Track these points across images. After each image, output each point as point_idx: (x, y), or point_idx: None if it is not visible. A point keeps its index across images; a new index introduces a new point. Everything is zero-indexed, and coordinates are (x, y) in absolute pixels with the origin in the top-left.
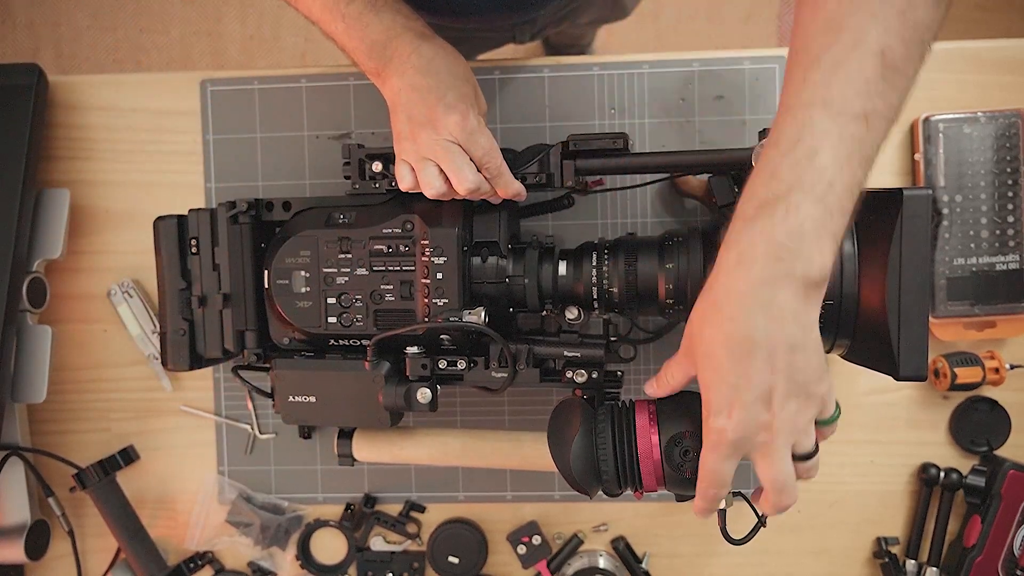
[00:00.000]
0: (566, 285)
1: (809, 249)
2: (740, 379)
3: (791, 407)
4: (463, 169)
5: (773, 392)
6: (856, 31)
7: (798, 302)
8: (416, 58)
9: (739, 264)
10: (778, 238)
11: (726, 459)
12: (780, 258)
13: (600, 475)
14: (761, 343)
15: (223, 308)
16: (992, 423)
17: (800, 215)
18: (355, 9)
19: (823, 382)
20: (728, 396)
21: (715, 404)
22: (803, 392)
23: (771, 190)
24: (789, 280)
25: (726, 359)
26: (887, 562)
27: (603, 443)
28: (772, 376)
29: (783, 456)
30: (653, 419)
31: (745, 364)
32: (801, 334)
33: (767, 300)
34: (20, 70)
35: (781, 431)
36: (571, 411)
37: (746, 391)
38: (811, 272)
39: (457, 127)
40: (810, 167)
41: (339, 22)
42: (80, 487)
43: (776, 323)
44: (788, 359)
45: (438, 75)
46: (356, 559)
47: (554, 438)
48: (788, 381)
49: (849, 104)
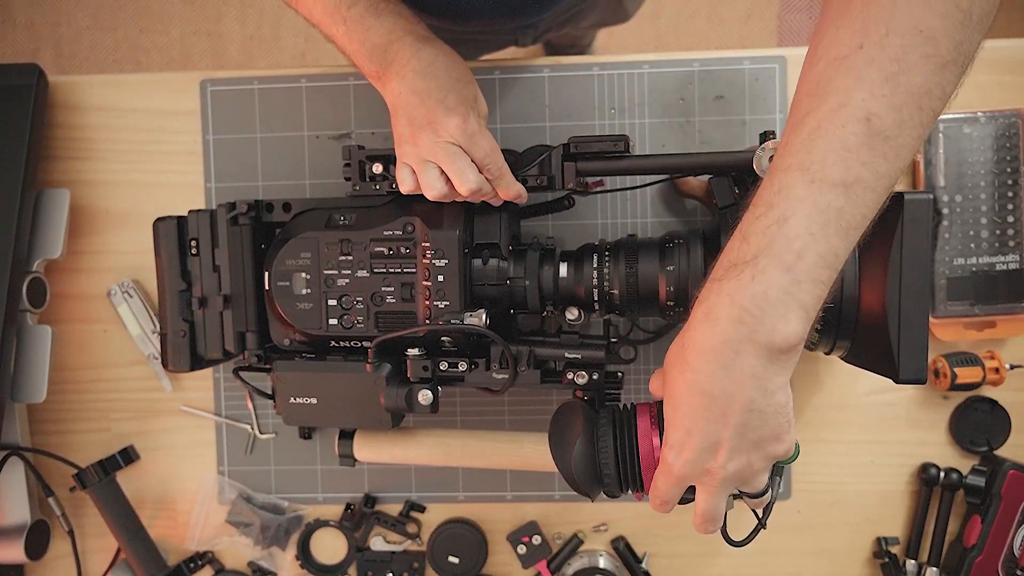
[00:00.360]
0: (567, 287)
1: (772, 317)
2: (693, 426)
3: (738, 461)
4: (464, 171)
5: (721, 445)
6: (840, 95)
7: (761, 366)
8: (416, 61)
9: (705, 320)
10: (741, 301)
11: (673, 487)
12: (742, 321)
13: (602, 478)
14: (718, 399)
15: (223, 309)
16: (992, 423)
17: (765, 281)
18: (357, 12)
19: (781, 442)
20: (681, 438)
21: (670, 439)
22: (755, 449)
23: (740, 253)
24: (751, 344)
25: (684, 405)
26: (887, 562)
27: (604, 446)
28: (723, 431)
29: (719, 496)
30: (655, 422)
31: (699, 414)
32: (761, 397)
33: (728, 361)
34: (20, 70)
35: (723, 479)
36: (573, 414)
37: (697, 438)
38: (775, 339)
39: (458, 129)
40: (780, 234)
41: (340, 25)
42: (80, 487)
43: (735, 384)
44: (743, 418)
45: (438, 78)
46: (356, 559)
47: (555, 440)
48: (739, 438)
49: (828, 172)
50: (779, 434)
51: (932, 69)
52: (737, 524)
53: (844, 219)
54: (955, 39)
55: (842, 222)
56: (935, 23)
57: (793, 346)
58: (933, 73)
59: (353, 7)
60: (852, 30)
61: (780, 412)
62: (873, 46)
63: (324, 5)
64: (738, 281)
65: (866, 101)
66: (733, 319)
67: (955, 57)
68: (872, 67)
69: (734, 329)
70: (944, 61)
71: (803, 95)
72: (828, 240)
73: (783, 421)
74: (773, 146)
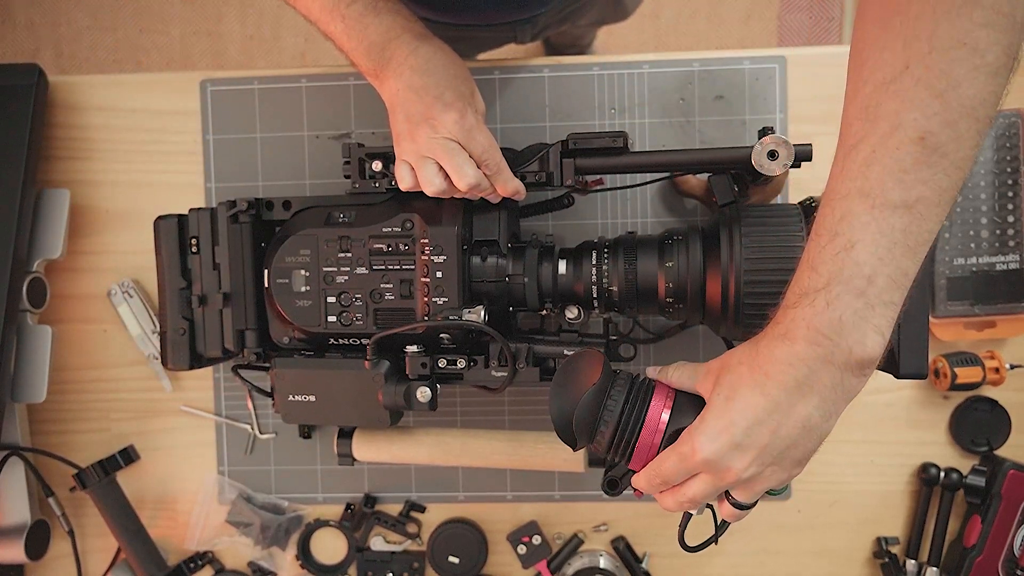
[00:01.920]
0: (566, 284)
1: (848, 341)
2: (742, 421)
3: (758, 470)
4: (463, 166)
5: (755, 449)
6: (891, 117)
7: (832, 387)
8: (414, 59)
9: (783, 338)
10: (818, 326)
11: (682, 472)
12: (819, 344)
13: (595, 433)
14: (781, 407)
15: (223, 307)
16: (992, 423)
17: (840, 308)
18: (355, 10)
19: (800, 468)
20: (723, 427)
21: (710, 426)
22: (778, 465)
23: (812, 282)
24: (828, 364)
25: (743, 400)
26: (887, 562)
27: (612, 406)
28: (768, 437)
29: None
30: (669, 405)
31: (754, 414)
32: (819, 418)
33: (803, 376)
34: (20, 70)
35: (735, 480)
36: (592, 362)
37: (740, 433)
38: (850, 360)
39: (455, 125)
40: (848, 260)
41: (338, 23)
42: (80, 487)
43: (802, 399)
44: (793, 433)
45: (435, 75)
46: (356, 559)
47: (562, 380)
48: (776, 450)
49: (889, 195)
50: (805, 460)
51: (983, 79)
52: (735, 524)
53: (910, 239)
54: (1002, 44)
55: (908, 242)
56: (979, 33)
57: (869, 364)
58: (984, 83)
59: (352, 5)
60: (895, 51)
61: (821, 439)
62: (918, 65)
63: (323, 3)
64: (812, 308)
65: (918, 121)
66: (810, 341)
67: (1005, 62)
68: (920, 87)
69: (811, 350)
70: (994, 69)
71: (852, 119)
72: (896, 261)
73: (814, 448)
74: (771, 141)
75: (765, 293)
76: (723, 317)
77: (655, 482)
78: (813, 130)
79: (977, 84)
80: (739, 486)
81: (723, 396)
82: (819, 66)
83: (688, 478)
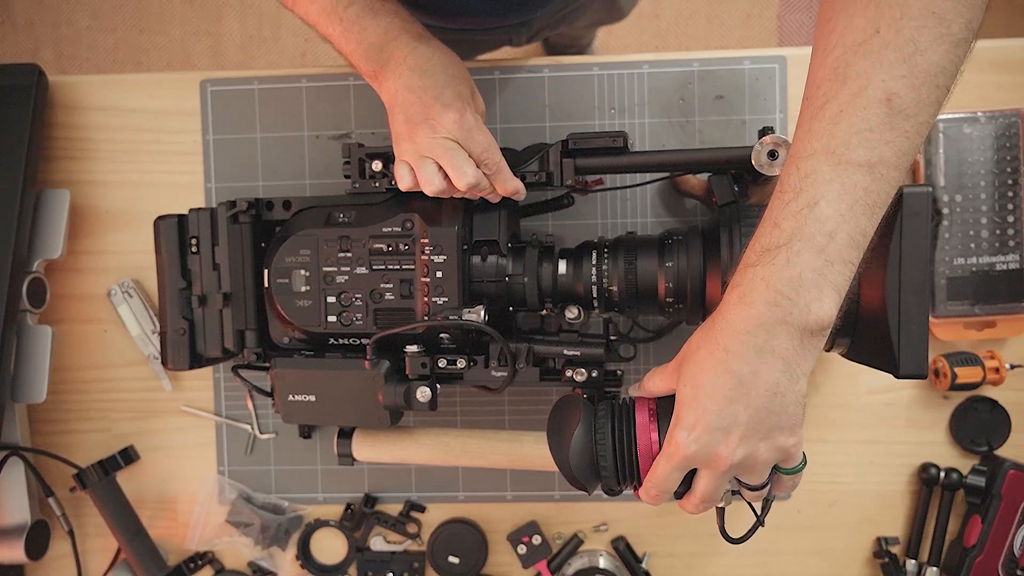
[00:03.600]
0: (566, 284)
1: (807, 298)
2: (713, 405)
3: (748, 447)
4: (462, 166)
5: (736, 427)
6: (860, 78)
7: (793, 349)
8: (413, 59)
9: (740, 303)
10: (776, 285)
11: (675, 470)
12: (777, 304)
13: (599, 471)
14: (745, 379)
15: (223, 307)
16: (992, 423)
17: (799, 264)
18: (353, 12)
19: (793, 435)
20: (697, 416)
21: (684, 419)
22: (767, 438)
23: (773, 239)
24: (785, 326)
25: (708, 383)
26: (887, 562)
27: (603, 439)
28: (743, 412)
29: (720, 481)
30: (653, 417)
31: (723, 394)
32: (787, 381)
33: (762, 342)
34: (20, 70)
35: (730, 465)
36: (571, 407)
37: (714, 418)
38: (808, 321)
39: (454, 124)
40: (811, 217)
41: (337, 25)
42: (80, 487)
43: (765, 365)
44: (765, 402)
45: (434, 75)
46: (356, 559)
47: (553, 434)
48: (756, 423)
49: (853, 153)
50: (792, 426)
51: (946, 48)
52: (735, 521)
53: (870, 198)
54: (965, 17)
55: (869, 201)
56: (946, 4)
57: (825, 327)
58: (947, 51)
59: (350, 7)
60: (866, 17)
61: (799, 402)
62: (889, 30)
63: (321, 5)
64: (772, 266)
65: (886, 82)
66: (768, 302)
67: (965, 35)
68: (889, 49)
69: (769, 311)
70: (956, 39)
71: (821, 81)
72: (856, 220)
73: (798, 413)
74: (771, 141)
75: None
76: None
77: (655, 493)
78: None
79: (940, 52)
80: (740, 470)
81: (689, 387)
82: None
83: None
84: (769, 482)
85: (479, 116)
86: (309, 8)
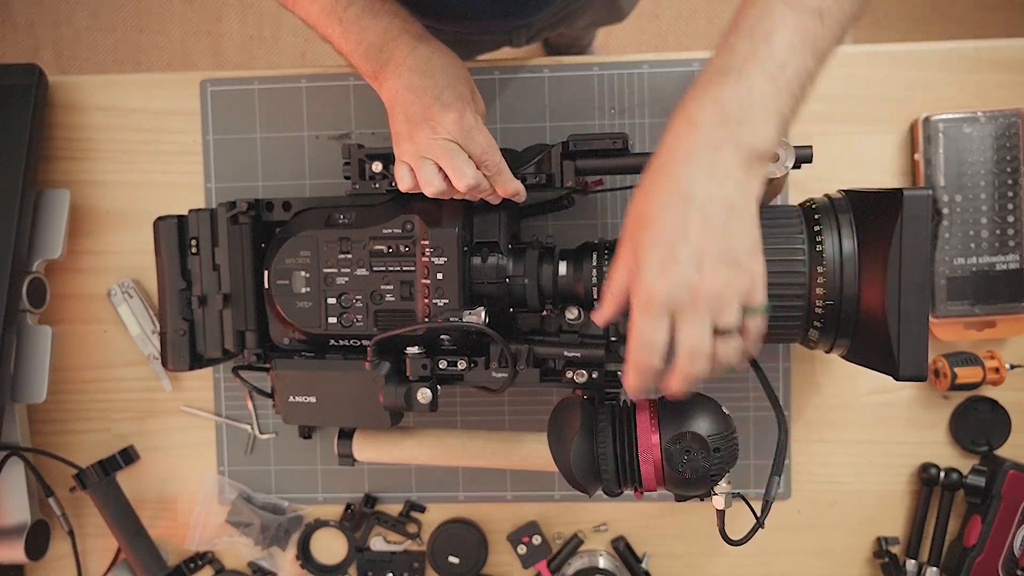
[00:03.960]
0: (566, 285)
1: (755, 120)
2: (676, 235)
3: (720, 274)
4: (462, 167)
5: (705, 255)
6: None
7: (740, 168)
8: (413, 59)
9: (687, 126)
10: (726, 105)
11: (657, 320)
12: (725, 124)
13: (600, 474)
14: (699, 199)
15: (223, 308)
16: (992, 423)
17: (749, 86)
18: (353, 12)
19: (755, 257)
20: (663, 254)
21: (648, 264)
22: (734, 260)
23: (726, 62)
24: (733, 146)
25: (664, 216)
26: (887, 562)
27: (603, 442)
28: (706, 237)
29: (704, 323)
30: (654, 419)
31: (682, 220)
32: (739, 198)
33: (710, 161)
34: (20, 70)
35: (706, 297)
36: (571, 409)
37: (681, 248)
38: (755, 142)
39: (454, 125)
40: (765, 44)
41: (336, 25)
42: (80, 487)
43: (716, 183)
44: (724, 220)
45: (434, 76)
46: (356, 559)
47: (554, 436)
48: (721, 245)
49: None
50: (754, 247)
51: None
52: (734, 522)
53: (818, 44)
54: None
55: (817, 46)
56: None
57: (767, 152)
58: None
59: (350, 7)
60: None
61: (754, 222)
62: None
63: (321, 6)
64: (723, 86)
65: None
66: (716, 123)
67: None
68: None
69: (716, 132)
70: None
71: None
72: (805, 58)
73: (756, 234)
74: None
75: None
76: None
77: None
78: (813, 130)
79: None
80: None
81: (646, 229)
82: None
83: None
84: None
85: (479, 117)
86: (309, 8)
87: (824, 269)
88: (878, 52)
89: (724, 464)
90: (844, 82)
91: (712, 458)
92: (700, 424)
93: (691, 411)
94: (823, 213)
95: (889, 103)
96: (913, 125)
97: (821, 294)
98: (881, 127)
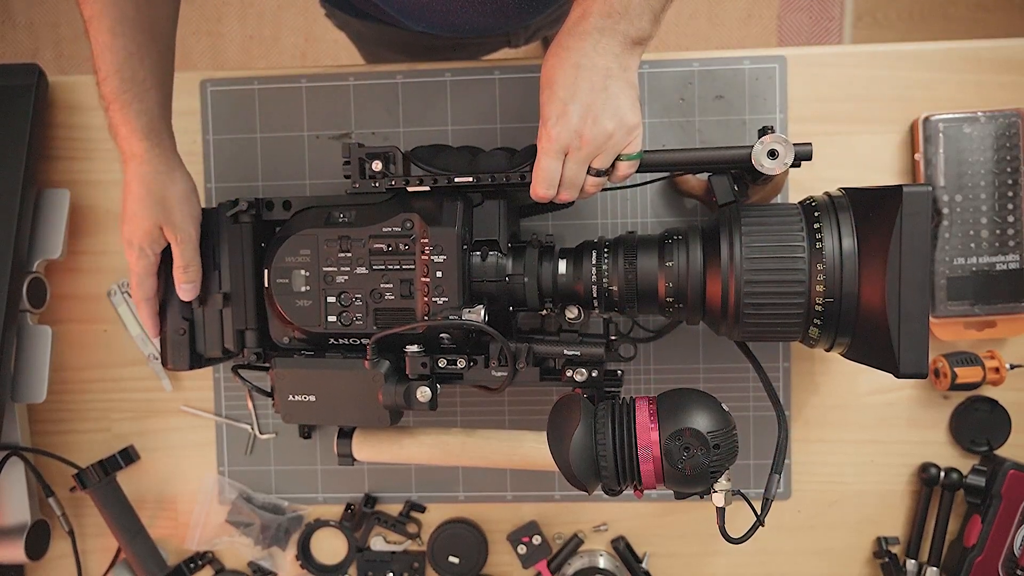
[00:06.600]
0: (566, 284)
1: (632, 15)
2: (565, 92)
3: (605, 125)
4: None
5: (590, 109)
6: None
7: (620, 48)
8: (136, 182)
9: (582, 15)
10: (612, 3)
11: (555, 159)
12: (610, 15)
13: (600, 471)
14: (586, 68)
15: (223, 307)
16: (992, 423)
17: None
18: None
19: (635, 115)
20: (559, 108)
21: (549, 115)
22: (617, 116)
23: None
24: (615, 32)
25: (561, 78)
26: (887, 562)
27: (603, 439)
28: (592, 95)
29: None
30: (653, 416)
31: (572, 83)
32: (618, 68)
33: (596, 41)
34: (20, 70)
35: (590, 142)
36: (571, 407)
37: (572, 102)
38: (630, 31)
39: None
40: None
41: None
42: (80, 487)
43: (600, 56)
44: (606, 83)
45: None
46: (356, 559)
47: (553, 434)
48: (606, 103)
49: None
50: (634, 107)
51: None
52: (735, 521)
53: None
54: None
55: None
56: None
57: (643, 40)
58: None
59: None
60: None
61: (633, 87)
62: None
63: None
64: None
65: None
66: (603, 14)
67: None
68: None
69: (602, 21)
70: None
71: None
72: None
73: (633, 96)
74: (771, 141)
75: (765, 293)
76: (723, 317)
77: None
78: (813, 130)
79: None
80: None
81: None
82: (819, 66)
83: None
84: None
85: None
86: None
87: (824, 266)
88: (878, 52)
89: (724, 460)
90: (844, 82)
91: (711, 454)
92: (699, 420)
93: (690, 408)
94: (823, 210)
95: (889, 103)
96: (913, 125)
97: (821, 291)
98: (881, 127)
